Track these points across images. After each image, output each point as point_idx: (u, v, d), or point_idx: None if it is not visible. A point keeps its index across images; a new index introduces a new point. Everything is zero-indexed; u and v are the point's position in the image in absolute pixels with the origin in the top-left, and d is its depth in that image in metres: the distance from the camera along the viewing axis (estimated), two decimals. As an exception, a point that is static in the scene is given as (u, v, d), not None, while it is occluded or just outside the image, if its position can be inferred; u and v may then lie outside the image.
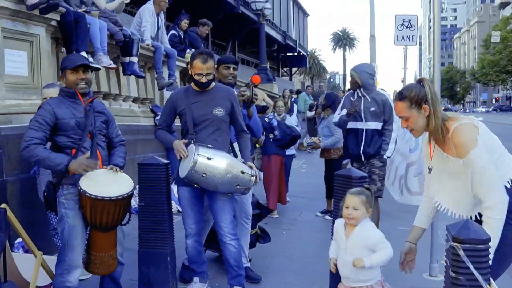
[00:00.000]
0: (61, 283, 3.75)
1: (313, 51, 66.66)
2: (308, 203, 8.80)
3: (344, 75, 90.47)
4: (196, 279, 4.63)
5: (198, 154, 4.04)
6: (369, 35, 23.02)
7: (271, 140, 7.57)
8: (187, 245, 4.57)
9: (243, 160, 4.38)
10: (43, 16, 5.62)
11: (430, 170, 3.14)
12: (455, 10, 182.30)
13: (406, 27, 11.96)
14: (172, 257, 4.53)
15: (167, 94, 9.43)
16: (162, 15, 9.26)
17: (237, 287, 4.43)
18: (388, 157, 6.08)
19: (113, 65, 7.10)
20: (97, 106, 4.01)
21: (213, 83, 4.47)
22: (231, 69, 4.89)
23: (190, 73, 4.41)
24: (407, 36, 12.04)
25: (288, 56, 36.65)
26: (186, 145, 4.28)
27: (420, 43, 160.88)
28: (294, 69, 41.63)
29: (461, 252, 2.28)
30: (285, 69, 39.76)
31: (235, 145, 4.70)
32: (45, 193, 3.93)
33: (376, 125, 6.00)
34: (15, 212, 3.77)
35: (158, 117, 8.70)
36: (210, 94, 4.39)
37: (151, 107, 9.02)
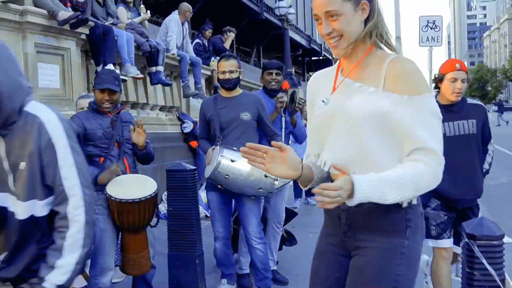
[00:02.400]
0: (94, 285, 3.93)
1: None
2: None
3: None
4: (224, 281, 4.78)
5: (222, 156, 4.20)
6: (395, 37, 22.99)
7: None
8: (215, 248, 4.72)
9: None
10: (73, 31, 5.85)
11: (326, 102, 2.05)
12: (484, 7, 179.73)
13: (431, 28, 11.95)
14: (200, 260, 4.68)
15: (193, 101, 9.64)
16: (186, 25, 9.50)
17: (264, 289, 4.56)
18: None
19: (141, 75, 7.32)
20: (124, 116, 4.22)
21: (240, 90, 4.64)
22: (274, 74, 4.96)
23: (218, 78, 4.60)
24: (431, 37, 12.02)
25: (313, 60, 36.66)
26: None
27: (449, 42, 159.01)
28: (320, 73, 41.58)
29: (475, 248, 2.37)
30: (310, 73, 39.76)
31: None
32: None
33: None
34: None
35: (185, 125, 8.91)
36: (237, 99, 4.56)
37: (177, 115, 9.22)
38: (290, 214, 5.80)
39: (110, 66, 6.53)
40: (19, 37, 5.35)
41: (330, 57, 38.81)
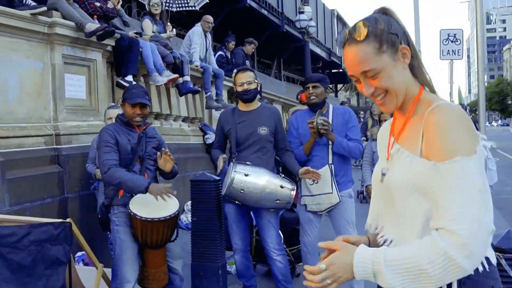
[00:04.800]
0: None
1: (358, 67, 66.29)
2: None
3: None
4: (245, 292, 4.79)
5: (235, 171, 4.21)
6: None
7: None
8: (235, 260, 4.73)
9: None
10: (100, 42, 5.95)
11: (383, 176, 1.75)
12: (503, 21, 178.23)
13: (452, 42, 11.92)
14: (223, 270, 4.70)
15: (215, 113, 9.71)
16: (209, 36, 9.58)
17: (285, 300, 4.56)
18: None
19: (174, 75, 7.37)
20: (149, 132, 4.25)
21: (259, 103, 4.66)
22: (310, 88, 4.54)
23: (236, 90, 4.62)
24: (452, 51, 11.99)
25: (333, 72, 36.67)
26: (228, 162, 4.48)
27: (468, 56, 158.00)
28: (339, 86, 41.62)
29: (503, 262, 2.35)
30: (330, 85, 39.79)
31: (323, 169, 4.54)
32: (99, 215, 4.20)
33: None
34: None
35: (207, 136, 8.96)
36: (255, 113, 4.57)
37: (200, 126, 9.27)
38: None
39: (129, 78, 6.62)
40: (47, 49, 5.45)
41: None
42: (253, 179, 4.20)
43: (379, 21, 1.63)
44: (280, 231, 4.71)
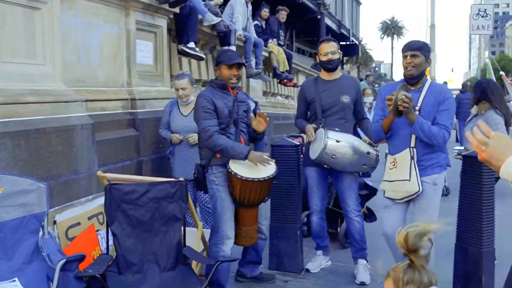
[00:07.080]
0: (216, 252, 4.15)
1: (360, 40, 66.26)
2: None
3: (392, 64, 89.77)
4: (319, 252, 5.04)
5: (328, 138, 4.40)
6: (429, 24, 22.80)
7: None
8: (312, 221, 4.95)
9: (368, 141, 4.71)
10: (166, 9, 6.06)
11: None
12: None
13: (482, 17, 12.01)
14: (300, 231, 4.93)
15: (252, 82, 9.84)
16: (249, 6, 9.61)
17: (361, 260, 4.79)
18: None
19: (218, 19, 7.68)
20: (239, 96, 4.40)
21: (340, 72, 4.83)
22: (408, 57, 3.81)
23: (317, 61, 4.79)
24: (482, 26, 12.08)
25: (341, 45, 36.45)
26: (315, 129, 4.66)
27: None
28: (345, 58, 41.53)
29: None
30: (336, 58, 39.62)
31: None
32: (195, 175, 4.36)
33: None
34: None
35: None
36: (337, 83, 4.75)
37: (239, 95, 9.39)
38: (372, 192, 6.02)
39: (191, 45, 6.75)
40: (122, 14, 5.55)
41: (357, 43, 38.65)
42: (344, 145, 4.39)
43: None
44: None
